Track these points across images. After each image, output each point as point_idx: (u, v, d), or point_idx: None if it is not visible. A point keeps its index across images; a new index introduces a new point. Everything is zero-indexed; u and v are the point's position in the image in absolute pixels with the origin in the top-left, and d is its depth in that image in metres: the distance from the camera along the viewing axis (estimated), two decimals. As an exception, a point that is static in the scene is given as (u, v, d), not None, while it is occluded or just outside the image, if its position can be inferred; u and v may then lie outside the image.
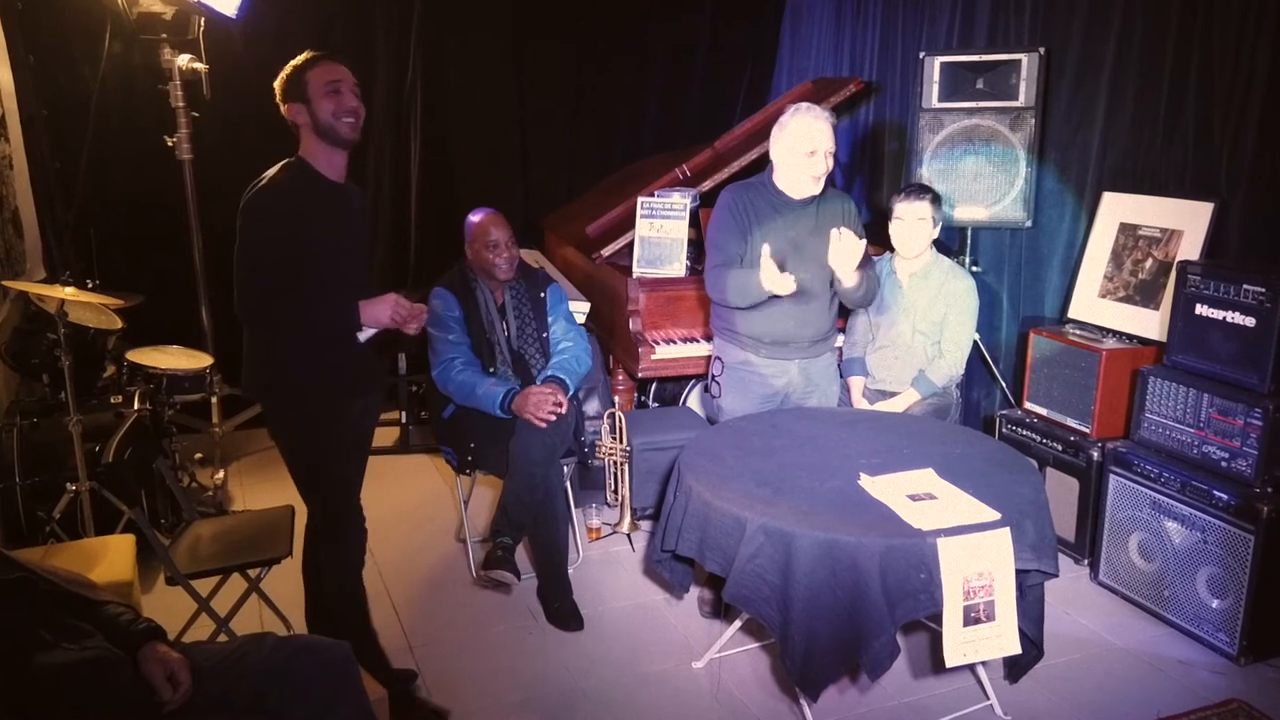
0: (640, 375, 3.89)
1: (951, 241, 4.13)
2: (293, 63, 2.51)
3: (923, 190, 3.47)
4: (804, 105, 3.04)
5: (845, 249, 2.91)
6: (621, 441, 3.56)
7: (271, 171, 2.48)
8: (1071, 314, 3.69)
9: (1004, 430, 3.70)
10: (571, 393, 3.26)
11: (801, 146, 2.97)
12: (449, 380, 3.24)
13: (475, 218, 3.32)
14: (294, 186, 2.46)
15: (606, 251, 4.12)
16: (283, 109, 2.51)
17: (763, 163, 3.22)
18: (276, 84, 2.51)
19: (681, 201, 3.98)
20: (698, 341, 3.87)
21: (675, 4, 5.48)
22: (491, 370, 3.30)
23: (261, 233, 2.40)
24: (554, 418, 3.09)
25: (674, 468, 2.76)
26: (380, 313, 2.48)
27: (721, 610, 3.14)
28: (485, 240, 3.27)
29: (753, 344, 3.17)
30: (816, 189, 3.04)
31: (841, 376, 3.46)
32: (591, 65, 5.43)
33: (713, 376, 3.31)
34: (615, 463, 3.62)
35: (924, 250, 3.47)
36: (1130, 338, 3.46)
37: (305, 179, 2.49)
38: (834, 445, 2.82)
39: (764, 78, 5.68)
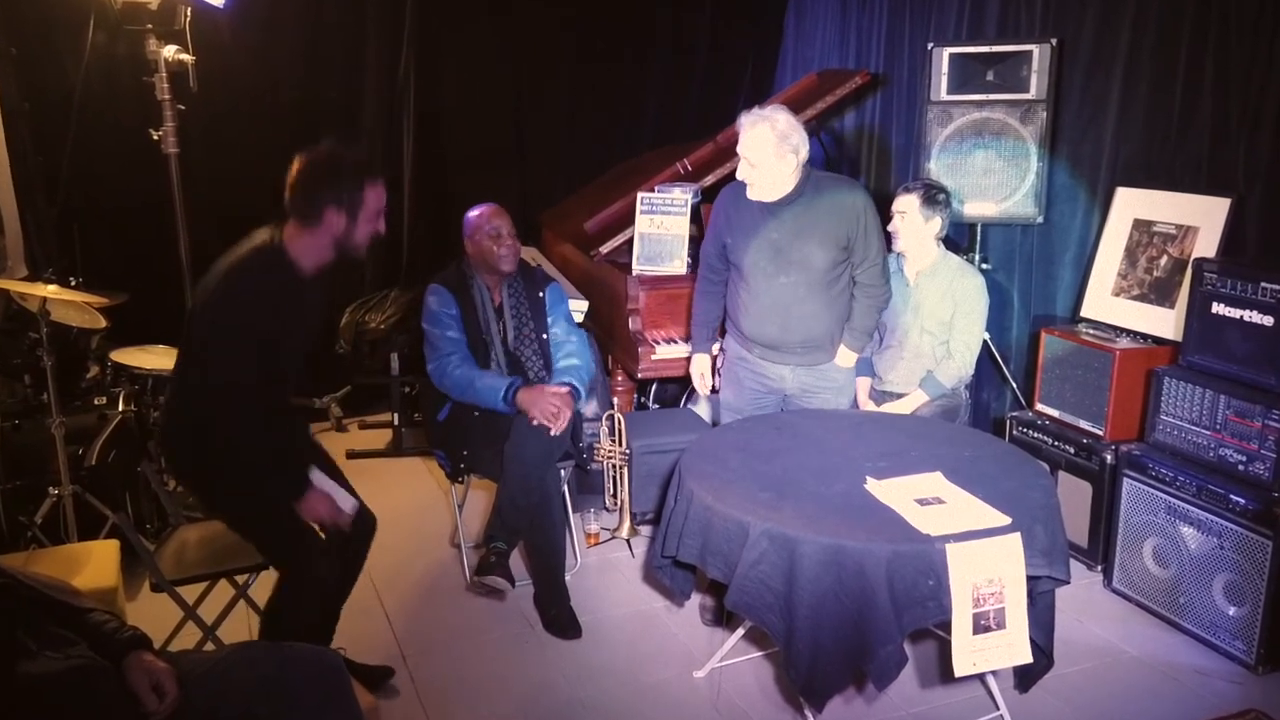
0: (640, 376, 3.83)
1: (961, 238, 4.08)
2: (345, 156, 2.17)
3: (912, 185, 3.40)
4: (745, 114, 2.98)
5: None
6: (621, 444, 3.51)
7: (250, 260, 2.18)
8: (1084, 313, 3.64)
9: (1014, 432, 3.66)
10: (578, 404, 3.22)
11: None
12: (445, 375, 3.19)
13: (475, 210, 3.30)
14: (276, 287, 2.18)
15: (605, 249, 4.06)
16: (311, 205, 2.14)
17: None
18: (319, 172, 2.15)
19: (682, 197, 3.92)
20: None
21: (675, 2, 5.41)
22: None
23: (243, 339, 2.16)
24: (560, 424, 3.05)
25: (675, 471, 2.72)
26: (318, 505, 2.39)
27: (724, 618, 3.10)
28: (487, 229, 3.23)
29: (748, 343, 3.18)
30: (770, 195, 2.99)
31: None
32: (590, 62, 5.37)
33: (715, 368, 3.29)
34: (614, 466, 3.57)
35: (915, 246, 3.39)
36: (1145, 337, 3.40)
37: (283, 272, 2.22)
38: (839, 448, 2.78)
39: (766, 73, 5.63)
